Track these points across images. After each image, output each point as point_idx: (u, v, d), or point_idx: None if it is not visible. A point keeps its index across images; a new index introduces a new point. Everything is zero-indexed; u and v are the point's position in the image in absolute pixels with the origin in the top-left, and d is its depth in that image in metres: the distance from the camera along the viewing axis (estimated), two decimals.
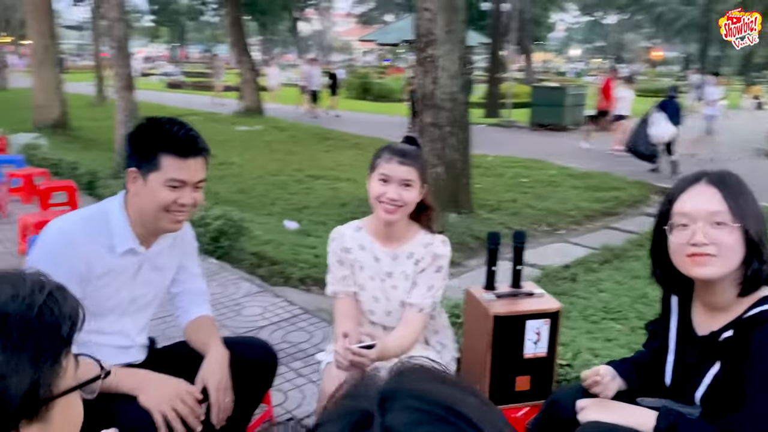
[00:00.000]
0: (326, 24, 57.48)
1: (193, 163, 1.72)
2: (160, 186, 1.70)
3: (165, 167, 1.69)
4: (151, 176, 1.70)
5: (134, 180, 1.73)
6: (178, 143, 1.70)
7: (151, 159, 1.69)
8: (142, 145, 1.72)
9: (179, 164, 1.70)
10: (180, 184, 1.71)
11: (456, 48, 6.54)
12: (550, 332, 2.04)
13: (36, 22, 11.68)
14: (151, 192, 1.70)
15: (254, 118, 16.00)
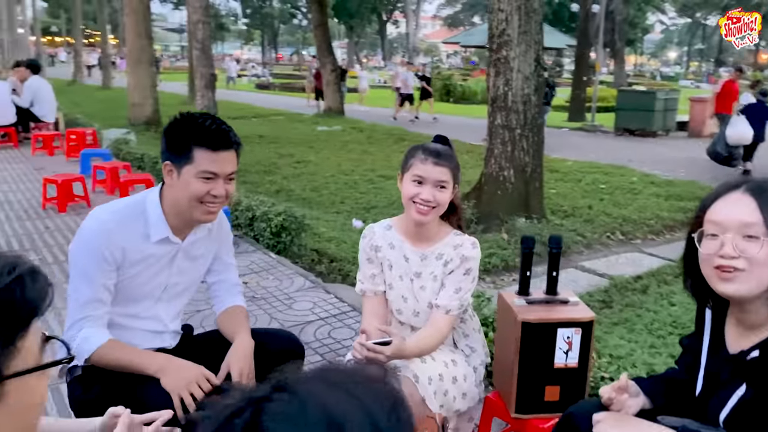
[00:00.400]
0: (412, 27, 57.69)
1: (224, 156, 1.78)
2: (193, 178, 1.76)
3: (198, 160, 1.76)
4: (185, 169, 1.77)
5: (169, 173, 1.81)
6: (210, 137, 1.76)
7: (184, 152, 1.77)
8: (176, 140, 1.79)
9: (211, 157, 1.76)
10: (212, 176, 1.77)
11: (531, 49, 6.40)
12: (582, 342, 1.95)
13: (133, 23, 12.39)
14: (185, 184, 1.77)
15: (335, 119, 16.28)
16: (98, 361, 1.76)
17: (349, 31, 59.78)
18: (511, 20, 6.28)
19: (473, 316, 2.20)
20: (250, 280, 4.15)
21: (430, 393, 1.86)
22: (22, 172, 7.87)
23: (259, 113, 17.53)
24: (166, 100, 16.02)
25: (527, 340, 1.94)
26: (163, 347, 1.95)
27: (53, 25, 65.15)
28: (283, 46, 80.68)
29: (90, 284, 1.77)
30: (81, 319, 1.77)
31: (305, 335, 3.32)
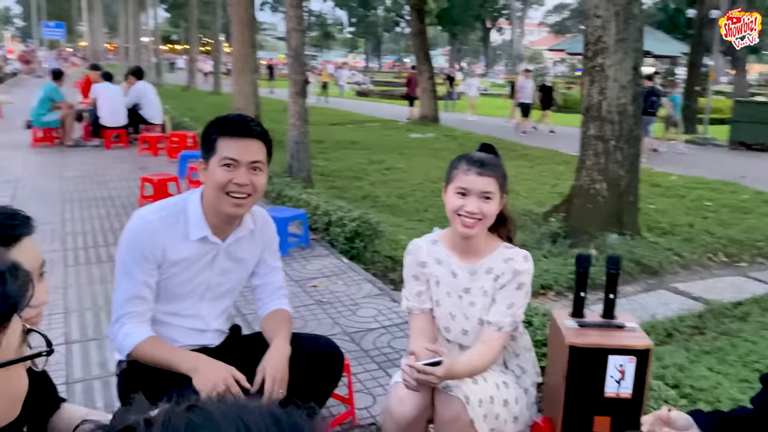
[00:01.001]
0: (517, 34, 56.70)
1: (246, 143, 1.81)
2: (217, 167, 1.81)
3: (219, 149, 1.81)
4: (211, 161, 1.83)
5: (202, 170, 1.87)
6: (229, 125, 1.82)
7: (210, 146, 1.83)
8: (205, 137, 1.86)
9: (231, 144, 1.80)
10: (233, 163, 1.80)
11: (629, 57, 6.08)
12: (638, 372, 1.79)
13: (239, 32, 12.94)
14: (211, 175, 1.82)
15: (428, 126, 16.26)
16: (138, 356, 1.81)
17: (452, 38, 59.66)
18: (608, 27, 6.00)
19: (524, 333, 2.09)
20: (320, 284, 4.19)
21: (479, 415, 1.77)
22: (126, 171, 8.42)
23: (355, 120, 17.83)
24: (273, 105, 16.65)
25: (575, 365, 1.81)
26: (205, 345, 1.99)
27: (174, 33, 69.62)
28: (387, 54, 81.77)
29: (132, 281, 1.83)
30: (123, 315, 1.84)
31: (365, 342, 3.30)
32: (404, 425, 1.85)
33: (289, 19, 7.26)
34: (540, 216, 6.87)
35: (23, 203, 6.48)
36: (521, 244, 6.19)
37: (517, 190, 8.83)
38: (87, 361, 3.05)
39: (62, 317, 3.60)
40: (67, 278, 4.26)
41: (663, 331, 4.24)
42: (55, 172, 8.31)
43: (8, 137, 11.30)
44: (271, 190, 6.68)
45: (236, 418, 0.52)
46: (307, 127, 7.54)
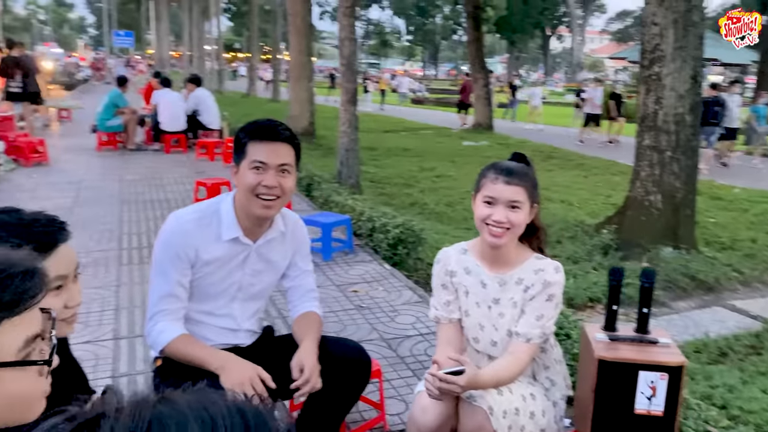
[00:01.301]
0: (578, 41, 55.68)
1: (275, 147, 1.87)
2: (246, 170, 1.87)
3: (249, 152, 1.87)
4: (242, 164, 1.89)
5: (234, 174, 1.93)
6: (259, 129, 1.89)
7: (241, 150, 1.89)
8: (236, 142, 1.92)
9: (260, 147, 1.86)
10: (261, 165, 1.85)
11: (688, 65, 5.89)
12: (670, 389, 1.73)
13: (296, 41, 13.23)
14: (242, 178, 1.88)
15: (482, 134, 16.14)
16: (170, 353, 1.88)
17: (510, 46, 59.08)
18: (666, 34, 5.83)
19: (555, 345, 2.05)
20: (360, 289, 4.22)
21: (503, 426, 1.75)
22: (183, 175, 8.70)
23: (408, 127, 17.87)
24: (330, 113, 16.87)
25: (604, 379, 1.77)
26: (237, 345, 2.04)
27: (236, 42, 71.56)
28: (444, 61, 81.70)
29: (166, 280, 1.90)
30: (157, 313, 1.90)
31: (402, 349, 3.30)
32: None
33: (342, 28, 7.36)
34: (592, 227, 6.72)
35: (85, 203, 6.79)
36: (570, 255, 6.05)
37: (570, 200, 8.67)
38: (133, 356, 3.17)
39: (113, 314, 3.75)
40: (120, 276, 4.43)
41: (716, 350, 4.07)
42: (116, 174, 8.67)
43: (76, 141, 11.85)
44: (318, 195, 6.78)
45: (202, 409, 0.53)
46: (357, 134, 7.61)
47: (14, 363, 0.85)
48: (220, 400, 0.56)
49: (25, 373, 0.87)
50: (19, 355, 0.85)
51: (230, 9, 58.88)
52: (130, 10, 60.57)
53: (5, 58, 11.64)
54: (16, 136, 9.51)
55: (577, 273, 5.39)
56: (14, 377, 0.85)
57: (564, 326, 2.96)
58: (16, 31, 74.43)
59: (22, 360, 0.86)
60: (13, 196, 7.08)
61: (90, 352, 3.21)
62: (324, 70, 45.40)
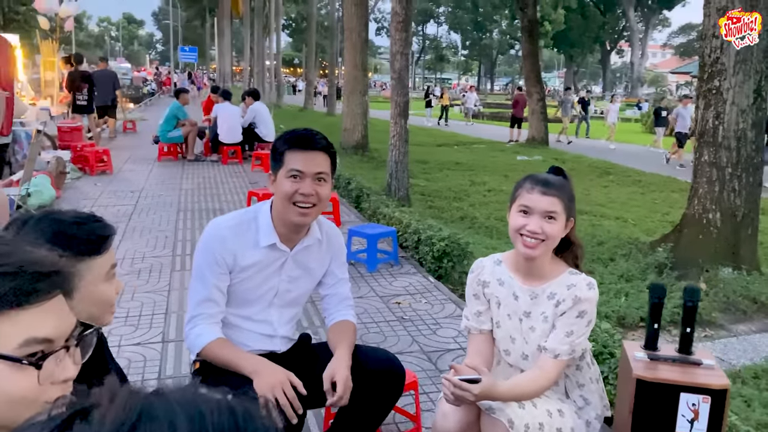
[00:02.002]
0: (638, 56, 54.41)
1: (311, 156, 1.91)
2: (284, 178, 1.91)
3: (287, 161, 1.92)
4: (279, 173, 1.93)
5: (272, 182, 1.98)
6: (296, 138, 1.93)
7: (279, 158, 1.93)
8: (275, 151, 1.97)
9: (297, 156, 1.90)
10: (298, 174, 1.89)
11: (750, 79, 5.68)
12: (713, 413, 1.66)
13: (351, 55, 13.42)
14: (279, 186, 1.92)
15: (536, 149, 15.94)
16: (206, 356, 1.93)
17: (569, 61, 58.24)
18: (727, 47, 5.65)
19: (591, 364, 1.99)
20: (403, 301, 4.22)
21: None
22: (238, 185, 8.93)
23: (461, 141, 17.80)
24: (382, 126, 16.99)
25: (642, 400, 1.71)
26: (273, 351, 2.08)
27: (296, 57, 73.11)
28: (500, 76, 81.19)
29: (204, 285, 1.95)
30: (195, 317, 1.96)
31: (442, 362, 3.28)
32: None
33: (393, 42, 7.43)
34: (647, 245, 6.52)
35: (143, 211, 7.05)
36: (623, 273, 5.86)
37: (625, 217, 8.45)
38: (179, 359, 3.26)
39: (163, 317, 3.87)
40: (172, 281, 4.57)
41: None
42: (175, 184, 8.97)
43: (139, 152, 12.33)
44: (367, 207, 6.83)
45: (192, 404, 0.55)
46: (407, 148, 7.64)
47: None
48: (212, 397, 0.57)
49: (21, 374, 0.82)
50: (17, 351, 0.82)
51: (290, 25, 60.31)
52: (195, 26, 62.81)
53: (72, 72, 12.25)
54: (82, 146, 9.96)
55: (629, 291, 5.24)
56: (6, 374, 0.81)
57: (608, 345, 2.88)
58: (89, 47, 78.22)
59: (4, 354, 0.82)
60: (78, 203, 7.43)
61: (139, 353, 3.33)
62: (376, 84, 45.71)
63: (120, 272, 4.71)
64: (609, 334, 2.97)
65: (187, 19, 59.69)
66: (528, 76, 17.25)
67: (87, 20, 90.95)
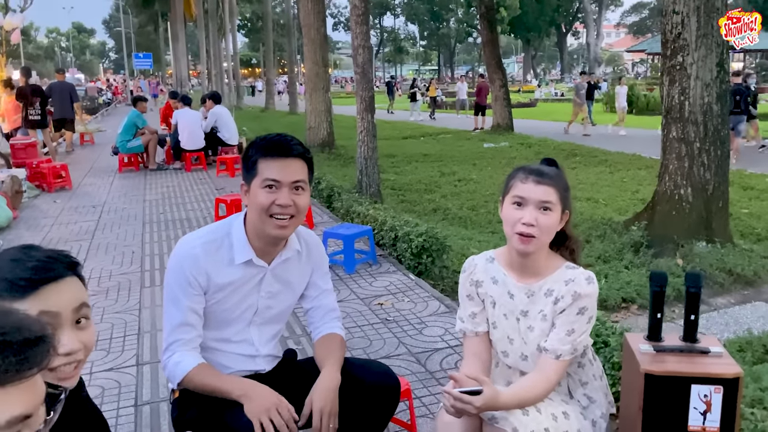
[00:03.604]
0: (593, 37, 55.10)
1: (286, 163, 1.77)
2: (259, 189, 1.77)
3: (261, 170, 1.77)
4: (253, 183, 1.79)
5: (245, 193, 1.83)
6: (270, 146, 1.79)
7: (252, 168, 1.79)
8: (247, 159, 1.82)
9: (272, 164, 1.77)
10: (275, 183, 1.76)
11: (712, 53, 5.69)
12: (725, 403, 1.59)
13: (311, 52, 13.21)
14: (254, 197, 1.78)
15: (502, 135, 15.96)
16: (189, 384, 1.79)
17: (526, 45, 58.74)
18: (688, 23, 5.65)
19: (594, 360, 1.91)
20: (386, 302, 4.11)
21: None
22: (204, 192, 8.70)
23: (427, 132, 17.74)
24: (350, 122, 16.81)
25: (652, 395, 1.63)
26: (256, 371, 1.94)
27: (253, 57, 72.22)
28: (460, 65, 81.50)
29: (178, 308, 1.81)
30: (172, 343, 1.82)
31: (431, 363, 3.18)
32: None
33: (355, 36, 7.28)
34: (621, 225, 6.53)
35: (107, 227, 6.80)
36: (600, 254, 5.85)
37: (596, 198, 8.47)
38: (156, 382, 3.10)
39: (135, 338, 3.69)
40: (143, 299, 4.38)
41: (761, 348, 3.87)
42: (139, 195, 8.69)
43: (99, 164, 11.97)
44: (339, 206, 6.69)
45: None
46: (375, 143, 7.51)
47: None
48: None
49: None
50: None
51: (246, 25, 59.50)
52: (148, 32, 61.52)
53: (22, 87, 11.82)
54: (38, 162, 9.60)
55: (608, 273, 5.22)
56: None
57: (601, 333, 2.81)
58: (39, 60, 76.06)
59: None
60: (38, 222, 7.13)
61: (113, 380, 3.15)
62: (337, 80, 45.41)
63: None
64: (600, 321, 2.90)
65: (139, 25, 58.39)
66: (489, 63, 17.25)
67: (35, 32, 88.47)
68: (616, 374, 2.52)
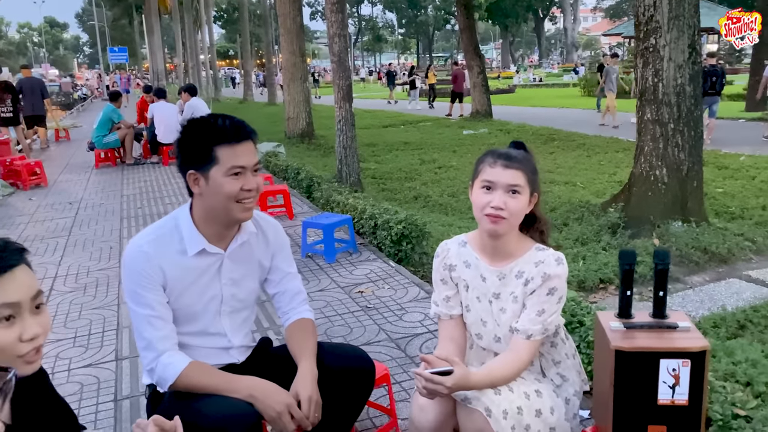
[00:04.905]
0: (570, 21, 55.30)
1: (246, 148, 1.75)
2: (223, 177, 1.72)
3: (222, 159, 1.72)
4: (212, 172, 1.73)
5: (195, 182, 1.77)
6: (228, 132, 1.74)
7: (206, 156, 1.73)
8: (193, 147, 1.75)
9: (235, 151, 1.73)
10: (241, 170, 1.73)
11: (684, 35, 5.75)
12: (693, 376, 1.62)
13: (288, 42, 13.11)
14: (217, 187, 1.73)
15: (481, 122, 16.01)
16: (184, 385, 1.74)
17: (504, 31, 58.79)
18: (660, 5, 5.70)
19: (566, 339, 1.94)
20: (366, 289, 4.12)
21: (505, 428, 1.65)
22: (182, 186, 8.50)
23: (407, 120, 17.73)
24: (326, 112, 16.73)
25: (623, 370, 1.66)
26: (231, 363, 1.93)
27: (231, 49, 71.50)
28: (438, 52, 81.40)
29: (145, 305, 1.76)
30: (150, 344, 1.76)
31: (411, 348, 3.21)
32: None
33: (330, 24, 7.25)
34: (598, 207, 6.60)
35: (84, 223, 6.72)
36: (578, 237, 5.89)
37: (574, 181, 8.54)
38: (136, 377, 3.08)
39: (114, 333, 3.67)
40: (121, 294, 4.35)
41: (735, 323, 3.96)
42: (116, 190, 8.61)
43: (75, 160, 11.81)
44: (319, 196, 6.68)
45: None
46: (354, 132, 7.50)
47: None
48: None
49: None
50: None
51: (222, 16, 58.86)
52: (123, 25, 60.63)
53: None
54: (12, 159, 9.45)
55: (586, 254, 5.28)
56: None
57: (576, 313, 2.85)
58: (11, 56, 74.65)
59: None
60: (13, 220, 7.04)
61: (92, 375, 3.13)
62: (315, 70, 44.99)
63: (64, 290, 4.51)
64: (576, 302, 2.94)
65: (113, 19, 57.50)
66: (467, 50, 17.24)
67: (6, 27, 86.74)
68: (591, 353, 2.55)
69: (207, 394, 1.71)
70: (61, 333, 3.70)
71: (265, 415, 1.68)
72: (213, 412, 1.63)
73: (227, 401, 1.68)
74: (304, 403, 1.74)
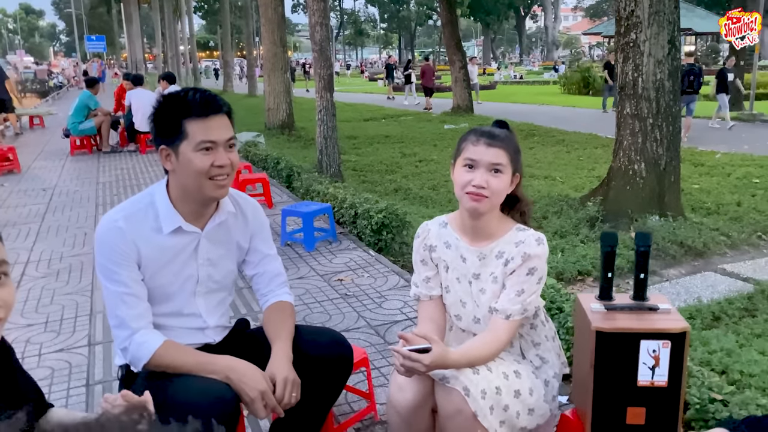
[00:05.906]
0: (551, 20, 55.67)
1: (218, 122, 1.69)
2: (193, 153, 1.66)
3: (192, 133, 1.66)
4: (182, 147, 1.67)
5: (167, 158, 1.71)
6: (196, 105, 1.67)
7: (176, 131, 1.67)
8: (164, 122, 1.69)
9: (204, 125, 1.66)
10: (211, 145, 1.67)
11: (664, 30, 5.80)
12: (673, 358, 1.62)
13: (269, 32, 12.99)
14: (186, 162, 1.67)
15: (462, 116, 16.03)
16: (159, 365, 1.69)
17: (486, 28, 58.96)
18: (641, 0, 5.74)
19: (546, 321, 1.93)
20: (346, 278, 4.09)
21: (483, 407, 1.63)
22: (159, 174, 8.48)
23: (388, 114, 17.70)
24: (308, 104, 16.63)
25: (603, 352, 1.66)
26: (207, 343, 1.89)
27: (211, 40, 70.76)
28: (420, 47, 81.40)
29: (118, 281, 1.70)
30: (122, 322, 1.71)
31: (390, 335, 3.19)
32: (405, 414, 1.73)
33: (312, 13, 7.18)
34: (577, 201, 6.64)
35: (58, 209, 6.59)
36: (557, 230, 5.93)
37: (553, 176, 8.59)
38: (109, 362, 3.02)
39: (87, 319, 3.59)
40: (95, 280, 4.26)
41: (710, 315, 4.01)
42: (92, 178, 8.46)
43: (49, 147, 11.58)
44: (299, 186, 6.63)
45: None
46: (335, 122, 7.44)
47: None
48: None
49: None
50: None
51: (202, 7, 58.13)
52: (101, 14, 59.65)
53: None
54: None
55: (564, 247, 5.31)
56: None
57: (556, 300, 2.86)
58: None
59: None
60: None
61: (63, 360, 3.06)
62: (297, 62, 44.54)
63: (35, 275, 4.41)
64: (555, 288, 2.94)
65: (91, 6, 56.56)
66: (448, 45, 17.25)
67: None
68: (570, 339, 2.56)
69: (182, 374, 1.67)
70: (32, 318, 3.61)
71: (241, 397, 1.65)
72: (189, 393, 1.58)
73: (204, 382, 1.63)
74: (279, 385, 1.70)
